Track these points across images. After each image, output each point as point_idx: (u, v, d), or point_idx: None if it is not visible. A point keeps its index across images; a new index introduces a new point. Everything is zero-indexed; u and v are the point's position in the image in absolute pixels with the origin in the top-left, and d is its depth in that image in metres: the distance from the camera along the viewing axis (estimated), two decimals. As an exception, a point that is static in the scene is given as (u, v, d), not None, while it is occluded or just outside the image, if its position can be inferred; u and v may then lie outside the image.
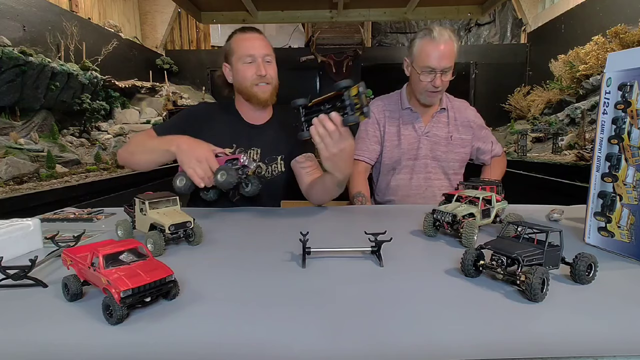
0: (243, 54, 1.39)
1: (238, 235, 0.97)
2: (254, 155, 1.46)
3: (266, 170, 1.46)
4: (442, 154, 1.68)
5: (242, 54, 1.39)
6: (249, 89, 1.41)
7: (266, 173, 1.46)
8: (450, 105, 1.70)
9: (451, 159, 1.69)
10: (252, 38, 1.41)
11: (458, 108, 1.71)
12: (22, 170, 2.42)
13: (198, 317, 0.53)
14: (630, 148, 0.73)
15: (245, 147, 1.45)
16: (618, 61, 0.77)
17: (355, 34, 5.24)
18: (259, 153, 1.47)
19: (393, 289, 0.62)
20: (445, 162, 1.69)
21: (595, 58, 3.35)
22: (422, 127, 1.67)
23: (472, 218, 0.85)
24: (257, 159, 1.46)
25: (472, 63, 5.08)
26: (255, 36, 1.43)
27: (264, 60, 1.40)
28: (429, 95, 1.58)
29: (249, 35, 1.42)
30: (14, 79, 2.64)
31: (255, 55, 1.39)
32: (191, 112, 1.54)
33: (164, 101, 4.52)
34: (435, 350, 0.45)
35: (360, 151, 1.70)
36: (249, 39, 1.41)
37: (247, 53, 1.39)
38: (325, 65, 5.18)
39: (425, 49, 1.50)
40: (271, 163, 1.48)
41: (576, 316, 0.52)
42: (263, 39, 1.44)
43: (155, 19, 5.25)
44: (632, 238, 0.74)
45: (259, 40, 1.42)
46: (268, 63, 1.42)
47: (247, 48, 1.39)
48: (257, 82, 1.40)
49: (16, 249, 0.79)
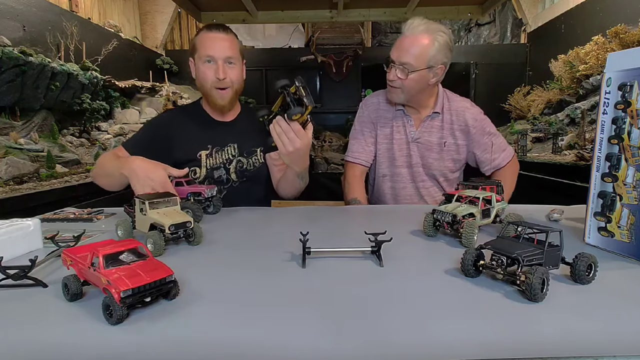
0: (203, 54, 1.34)
1: (238, 235, 0.97)
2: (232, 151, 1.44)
3: (247, 164, 1.46)
4: (434, 162, 1.57)
5: (203, 54, 1.34)
6: (208, 91, 1.38)
7: (248, 166, 1.45)
8: (447, 107, 1.56)
9: (444, 167, 1.57)
10: (215, 38, 1.34)
11: (456, 110, 1.55)
12: (22, 170, 2.42)
13: (198, 317, 0.53)
14: (630, 148, 0.73)
15: (221, 145, 1.43)
16: (618, 61, 0.77)
17: (355, 34, 5.23)
18: (237, 148, 1.45)
19: (393, 289, 0.62)
20: (438, 169, 1.58)
21: (595, 58, 3.35)
22: (414, 132, 1.56)
23: (472, 218, 0.85)
24: (236, 153, 1.44)
25: (472, 63, 5.07)
26: (220, 36, 1.35)
27: (225, 63, 1.34)
28: (387, 89, 1.49)
29: (213, 35, 1.35)
30: (13, 79, 2.63)
31: (215, 56, 1.33)
32: (157, 122, 1.52)
33: (164, 101, 4.52)
34: (435, 350, 0.45)
35: (357, 154, 1.63)
36: (212, 38, 1.34)
37: (206, 53, 1.33)
38: (325, 65, 5.17)
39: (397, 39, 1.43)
40: (251, 156, 1.46)
41: (576, 316, 0.52)
42: (228, 40, 1.36)
43: (155, 19, 5.25)
44: (632, 238, 0.74)
45: (222, 41, 1.34)
46: (230, 65, 1.36)
47: (207, 48, 1.33)
48: (216, 85, 1.35)
49: (16, 249, 0.79)
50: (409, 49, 1.37)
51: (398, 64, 1.39)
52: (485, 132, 1.56)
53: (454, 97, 1.61)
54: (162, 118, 1.56)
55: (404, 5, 3.07)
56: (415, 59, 1.36)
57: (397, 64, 1.39)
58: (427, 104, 1.56)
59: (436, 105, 1.55)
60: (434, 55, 1.37)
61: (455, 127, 1.55)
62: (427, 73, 1.41)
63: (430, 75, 1.42)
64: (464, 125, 1.55)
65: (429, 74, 1.41)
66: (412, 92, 1.46)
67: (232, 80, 1.37)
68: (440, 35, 1.38)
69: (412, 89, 1.44)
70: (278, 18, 3.30)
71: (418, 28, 1.37)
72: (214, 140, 1.44)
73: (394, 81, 1.43)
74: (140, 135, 1.47)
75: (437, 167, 1.58)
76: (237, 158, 1.45)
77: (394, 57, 1.41)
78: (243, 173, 1.46)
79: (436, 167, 1.58)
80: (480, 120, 1.56)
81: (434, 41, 1.36)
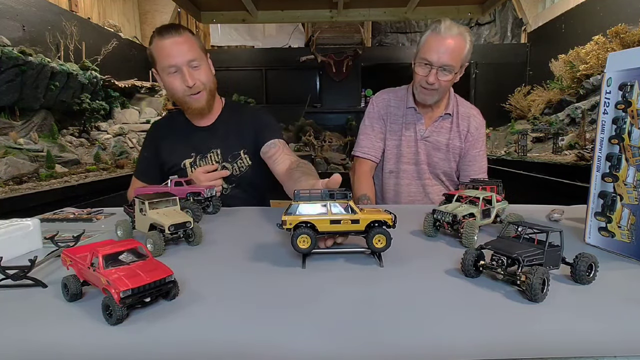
0: (165, 64, 1.25)
1: (238, 235, 0.96)
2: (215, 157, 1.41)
3: (233, 169, 1.40)
4: (440, 161, 1.59)
5: (164, 64, 1.25)
6: (182, 99, 1.32)
7: (234, 171, 1.41)
8: (457, 110, 1.58)
9: (448, 167, 1.60)
10: (171, 44, 1.24)
11: (463, 115, 1.59)
12: (21, 170, 2.42)
13: (197, 317, 0.53)
14: (631, 148, 0.73)
15: (204, 152, 1.40)
16: (618, 61, 0.77)
17: (355, 34, 5.24)
18: (220, 153, 1.41)
19: (393, 289, 0.62)
20: (442, 169, 1.60)
21: (595, 58, 3.35)
22: (423, 130, 1.58)
23: (472, 218, 0.85)
24: (220, 159, 1.41)
25: (472, 63, 5.08)
26: (175, 40, 1.24)
27: (189, 67, 1.26)
28: (422, 92, 1.48)
29: (168, 41, 1.24)
30: (13, 79, 2.64)
31: (177, 64, 1.24)
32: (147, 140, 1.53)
33: (163, 101, 4.52)
34: (435, 350, 0.45)
35: (366, 149, 1.63)
36: (168, 45, 1.24)
37: (168, 63, 1.25)
38: (325, 65, 5.18)
39: (428, 41, 1.40)
40: (235, 160, 1.41)
41: (576, 316, 0.52)
42: (184, 41, 1.25)
43: (155, 18, 5.25)
44: (632, 238, 0.74)
45: (179, 45, 1.24)
46: (195, 68, 1.28)
47: (166, 57, 1.24)
48: (187, 92, 1.29)
49: (16, 249, 0.79)
50: (451, 52, 1.38)
51: (439, 66, 1.39)
52: (478, 146, 1.60)
53: (463, 101, 1.64)
54: (150, 134, 1.54)
55: (404, 5, 3.07)
56: (457, 59, 1.40)
57: (438, 66, 1.39)
58: (441, 104, 1.59)
59: (448, 106, 1.58)
60: (466, 56, 1.43)
61: (461, 130, 1.59)
62: (460, 71, 1.47)
63: (458, 75, 1.48)
64: (466, 130, 1.59)
65: (461, 71, 1.47)
66: (445, 92, 1.51)
67: (203, 82, 1.30)
68: (469, 35, 1.43)
69: (446, 89, 1.48)
70: (278, 18, 3.29)
71: (453, 30, 1.38)
72: (196, 148, 1.40)
73: (433, 84, 1.42)
74: (141, 159, 1.52)
75: (441, 166, 1.61)
76: (222, 164, 1.41)
77: (433, 60, 1.39)
78: (230, 179, 1.42)
79: (441, 166, 1.61)
80: (480, 133, 1.60)
81: (467, 42, 1.41)
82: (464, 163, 1.60)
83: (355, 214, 0.71)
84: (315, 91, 5.28)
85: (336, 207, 0.71)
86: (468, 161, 1.59)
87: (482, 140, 1.61)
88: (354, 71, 5.22)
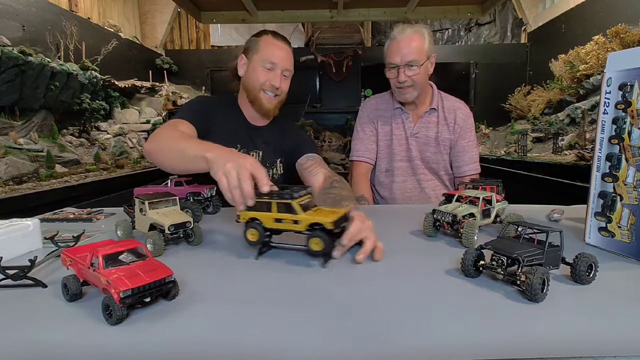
0: (267, 58, 1.36)
1: (238, 235, 0.96)
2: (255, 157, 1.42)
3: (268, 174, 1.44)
4: (432, 155, 1.65)
5: (266, 57, 1.36)
6: (257, 91, 1.39)
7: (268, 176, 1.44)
8: (442, 104, 1.66)
9: (441, 160, 1.66)
10: (281, 47, 1.39)
11: (449, 108, 1.66)
12: (21, 170, 2.42)
13: (198, 318, 0.53)
14: (631, 148, 0.73)
15: (247, 149, 1.43)
16: (618, 61, 0.77)
17: (355, 34, 5.24)
18: (261, 155, 1.44)
19: (393, 289, 0.62)
20: (435, 163, 1.66)
21: (595, 58, 3.35)
22: (412, 127, 1.65)
23: (472, 218, 0.85)
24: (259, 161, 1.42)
25: (472, 63, 5.07)
26: (285, 47, 1.41)
27: (282, 73, 1.38)
28: (399, 92, 1.58)
29: (280, 44, 1.40)
30: (13, 79, 2.63)
31: (278, 65, 1.37)
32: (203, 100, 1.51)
33: (163, 101, 4.52)
34: (435, 350, 0.45)
35: (360, 152, 1.71)
36: (280, 47, 1.39)
37: (271, 59, 1.36)
38: (325, 65, 5.18)
39: (389, 47, 1.54)
40: (272, 167, 1.47)
41: (576, 316, 0.52)
42: (290, 53, 1.42)
43: (155, 18, 5.25)
44: (632, 238, 0.74)
45: (286, 52, 1.40)
46: (285, 78, 1.41)
47: (273, 55, 1.37)
48: (267, 89, 1.38)
49: (16, 249, 0.79)
50: (410, 48, 1.49)
51: (404, 64, 1.50)
52: (467, 136, 1.65)
53: (448, 96, 1.71)
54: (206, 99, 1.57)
55: (404, 5, 3.07)
56: (418, 54, 1.50)
57: (403, 64, 1.50)
58: (425, 100, 1.66)
59: (432, 102, 1.65)
60: (428, 47, 1.53)
61: (449, 122, 1.65)
62: (427, 63, 1.55)
63: (429, 65, 1.57)
64: (453, 122, 1.65)
65: (428, 63, 1.56)
66: (422, 85, 1.57)
67: (284, 91, 1.43)
68: (425, 29, 1.55)
69: (422, 82, 1.56)
70: (278, 18, 3.29)
71: (406, 31, 1.51)
72: (242, 142, 1.43)
73: (405, 81, 1.52)
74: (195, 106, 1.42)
75: (434, 160, 1.66)
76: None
77: (397, 61, 1.51)
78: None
79: (434, 160, 1.66)
80: (467, 124, 1.66)
81: (425, 36, 1.53)
82: (455, 154, 1.66)
83: (296, 215, 0.71)
84: (315, 91, 5.28)
85: None
86: (458, 152, 1.65)
87: (471, 130, 1.67)
88: (353, 71, 5.22)
